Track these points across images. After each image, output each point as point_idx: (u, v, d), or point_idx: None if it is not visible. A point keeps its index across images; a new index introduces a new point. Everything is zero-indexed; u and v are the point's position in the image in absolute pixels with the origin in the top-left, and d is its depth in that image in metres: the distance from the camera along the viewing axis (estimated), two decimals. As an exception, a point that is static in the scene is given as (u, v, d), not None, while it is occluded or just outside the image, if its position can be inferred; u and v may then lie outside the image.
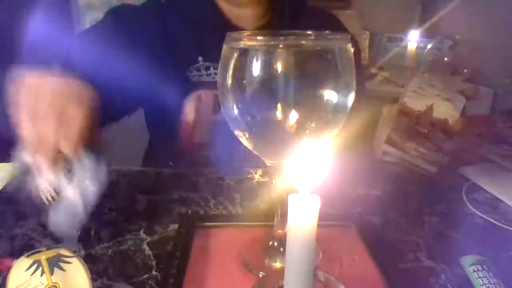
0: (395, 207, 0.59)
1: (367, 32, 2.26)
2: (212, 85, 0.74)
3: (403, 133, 0.63)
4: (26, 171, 0.47)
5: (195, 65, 0.74)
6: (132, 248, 0.49)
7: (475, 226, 0.56)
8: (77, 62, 0.70)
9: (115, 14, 0.76)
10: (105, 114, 0.77)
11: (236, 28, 0.75)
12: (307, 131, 0.37)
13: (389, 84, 1.93)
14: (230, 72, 0.37)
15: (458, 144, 0.63)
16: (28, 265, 0.35)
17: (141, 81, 0.74)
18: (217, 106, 0.73)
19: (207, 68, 0.74)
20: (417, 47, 1.92)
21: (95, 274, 0.43)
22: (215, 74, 0.73)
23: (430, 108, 0.62)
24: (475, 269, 0.43)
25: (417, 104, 0.63)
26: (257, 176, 0.68)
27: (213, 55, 0.73)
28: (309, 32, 0.40)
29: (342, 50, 0.37)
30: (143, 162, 0.92)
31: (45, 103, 0.46)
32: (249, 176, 0.68)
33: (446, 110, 0.62)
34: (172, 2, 0.78)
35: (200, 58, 0.74)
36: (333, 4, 2.28)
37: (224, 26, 0.74)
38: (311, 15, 0.83)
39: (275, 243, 0.46)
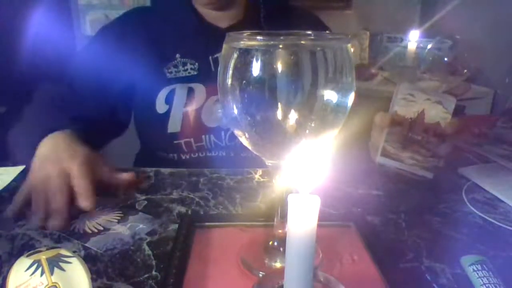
0: (395, 207, 0.59)
1: (367, 32, 2.26)
2: (187, 79, 0.78)
3: (397, 143, 0.63)
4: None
5: (173, 62, 0.78)
6: (132, 248, 0.49)
7: (475, 226, 0.56)
8: (76, 85, 0.78)
9: (102, 34, 0.84)
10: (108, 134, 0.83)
11: (211, 27, 0.80)
12: (307, 131, 0.37)
13: (389, 84, 1.93)
14: (230, 72, 0.37)
15: (452, 145, 0.64)
16: (28, 265, 0.35)
17: (125, 81, 0.78)
18: (190, 99, 0.76)
19: (184, 64, 0.78)
20: (417, 47, 1.92)
21: (95, 274, 0.43)
22: (191, 69, 0.78)
23: (422, 114, 0.62)
24: (475, 269, 0.43)
25: (408, 111, 0.63)
26: (257, 176, 0.68)
27: (190, 52, 0.78)
28: (309, 32, 0.40)
29: (342, 50, 0.37)
30: (135, 161, 0.93)
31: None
32: (249, 176, 0.68)
33: (437, 114, 0.62)
34: (155, 5, 0.85)
35: (177, 55, 0.78)
36: (333, 4, 2.29)
37: (201, 25, 0.80)
38: (291, 14, 0.87)
39: (275, 243, 0.46)
